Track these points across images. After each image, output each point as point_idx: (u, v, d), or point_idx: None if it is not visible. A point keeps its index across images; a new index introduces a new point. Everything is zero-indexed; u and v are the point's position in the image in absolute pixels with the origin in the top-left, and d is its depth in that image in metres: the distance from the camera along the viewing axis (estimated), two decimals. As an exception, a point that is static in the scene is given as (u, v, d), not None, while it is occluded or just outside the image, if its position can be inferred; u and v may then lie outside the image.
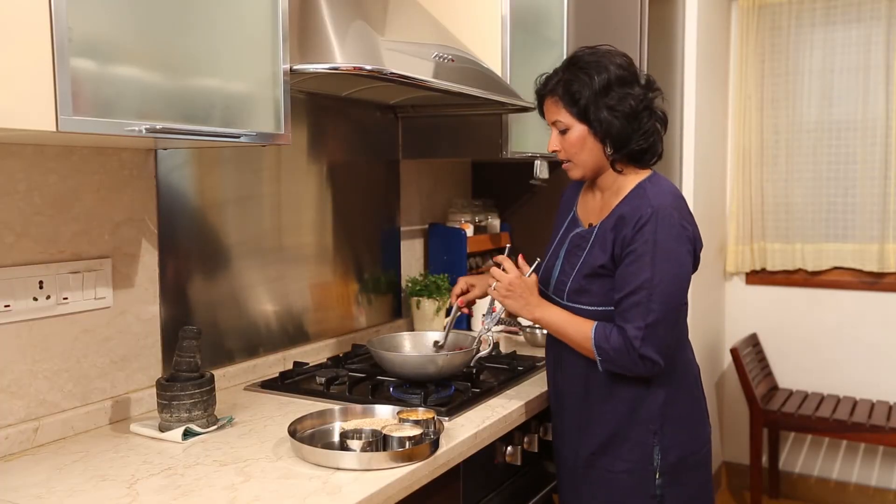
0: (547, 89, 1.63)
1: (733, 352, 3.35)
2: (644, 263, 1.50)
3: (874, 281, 3.49)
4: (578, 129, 1.59)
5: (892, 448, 3.48)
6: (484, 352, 1.85)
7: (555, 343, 1.70)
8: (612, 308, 1.56)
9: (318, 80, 1.77)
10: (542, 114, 1.69)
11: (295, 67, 1.52)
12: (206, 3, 1.32)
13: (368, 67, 1.56)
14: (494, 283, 1.65)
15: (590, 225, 1.66)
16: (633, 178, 1.62)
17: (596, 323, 1.56)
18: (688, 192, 3.19)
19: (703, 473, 1.68)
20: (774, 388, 3.66)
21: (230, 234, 1.87)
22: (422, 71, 1.74)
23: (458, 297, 1.86)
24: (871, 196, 3.43)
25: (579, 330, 1.57)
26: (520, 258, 1.72)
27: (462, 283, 1.87)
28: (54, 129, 1.08)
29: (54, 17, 1.07)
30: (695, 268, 1.62)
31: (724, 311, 3.82)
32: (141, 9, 1.21)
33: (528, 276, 1.67)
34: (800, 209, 3.59)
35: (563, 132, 1.61)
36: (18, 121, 1.06)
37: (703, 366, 3.43)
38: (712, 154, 3.51)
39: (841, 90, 3.48)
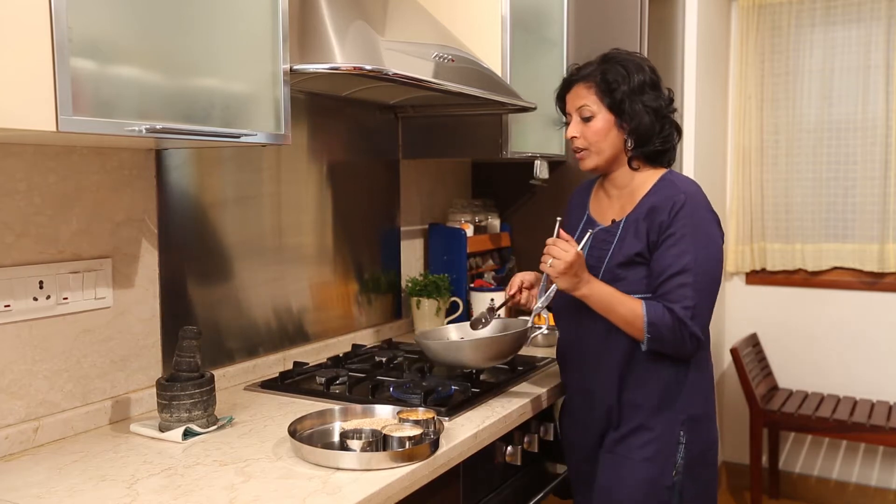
0: (581, 75, 1.66)
1: (733, 352, 3.35)
2: (685, 246, 1.54)
3: (874, 281, 3.49)
4: (605, 118, 1.62)
5: (892, 448, 3.48)
6: (543, 329, 1.84)
7: (584, 337, 1.68)
8: (648, 295, 1.58)
9: (318, 80, 1.77)
10: (561, 102, 1.71)
11: (295, 67, 1.52)
12: (206, 3, 1.32)
13: (368, 67, 1.56)
14: (551, 261, 1.59)
15: (613, 221, 1.68)
16: (652, 175, 1.66)
17: (643, 301, 1.57)
18: (688, 192, 3.19)
19: (713, 471, 1.71)
20: (774, 388, 3.66)
21: (230, 234, 1.87)
22: (422, 71, 1.74)
23: (514, 292, 1.81)
24: (871, 196, 3.43)
25: (629, 307, 1.57)
26: (563, 233, 1.65)
27: (518, 280, 1.82)
28: (54, 129, 1.08)
29: (54, 17, 1.07)
30: None
31: (724, 311, 3.82)
32: (141, 9, 1.21)
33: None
34: (800, 209, 3.58)
35: (587, 119, 1.63)
36: (18, 121, 1.06)
37: (703, 366, 3.43)
38: (712, 154, 3.51)
39: (841, 90, 3.47)
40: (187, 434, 1.47)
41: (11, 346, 1.42)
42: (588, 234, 1.68)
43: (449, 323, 2.55)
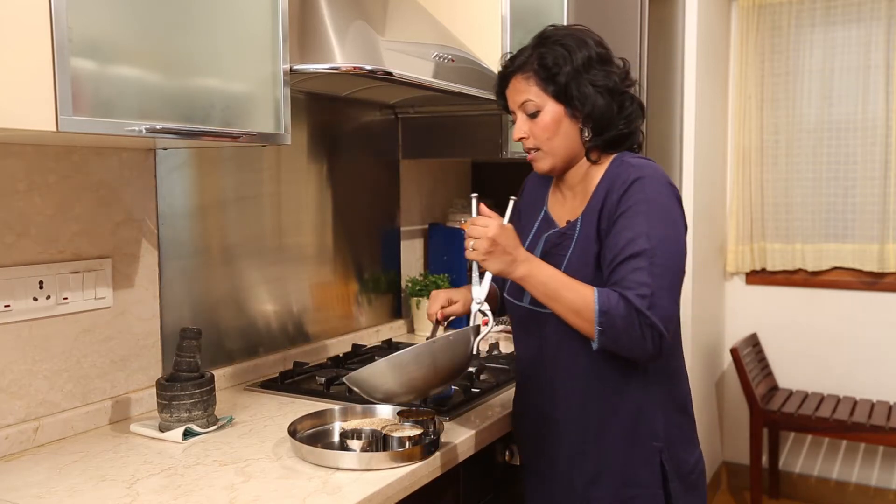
0: (516, 65, 1.41)
1: (733, 352, 3.35)
2: (639, 225, 1.30)
3: (874, 281, 3.49)
4: (553, 110, 1.38)
5: (892, 448, 3.48)
6: (489, 328, 1.49)
7: (546, 362, 1.45)
8: None
9: (318, 80, 1.77)
10: (502, 99, 1.47)
11: (295, 67, 1.52)
12: (206, 3, 1.32)
13: (368, 67, 1.56)
14: (472, 243, 1.33)
15: (567, 223, 1.45)
16: (605, 162, 1.42)
17: (596, 288, 1.30)
18: (688, 192, 3.19)
19: (700, 495, 1.49)
20: (774, 388, 3.66)
21: (230, 234, 1.87)
22: (422, 71, 1.74)
23: (437, 312, 1.58)
24: (871, 196, 3.43)
25: (579, 292, 1.29)
26: (482, 207, 1.41)
27: (442, 297, 1.59)
28: (54, 129, 1.08)
29: (54, 17, 1.07)
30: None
31: (724, 311, 3.82)
32: (141, 9, 1.21)
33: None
34: (800, 209, 3.59)
35: (533, 115, 1.39)
36: (18, 121, 1.06)
37: (703, 366, 3.44)
38: (712, 154, 3.51)
39: (841, 90, 3.48)
40: (187, 434, 1.47)
41: (11, 346, 1.42)
42: (510, 202, 1.46)
43: (449, 324, 2.56)
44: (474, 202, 1.44)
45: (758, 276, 3.73)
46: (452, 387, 1.75)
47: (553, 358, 1.44)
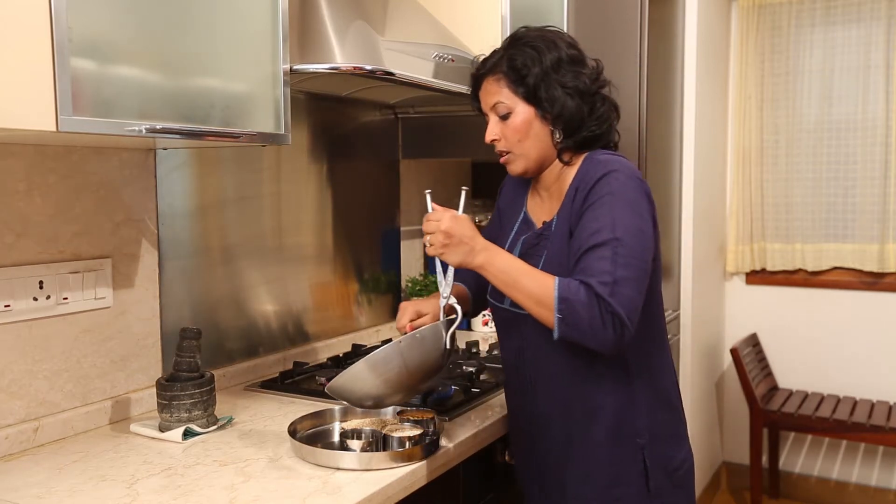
0: (487, 68, 1.42)
1: (733, 352, 3.35)
2: (604, 215, 1.29)
3: (874, 281, 3.49)
4: (524, 112, 1.38)
5: (892, 448, 3.48)
6: (457, 317, 1.44)
7: (527, 362, 1.45)
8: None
9: (318, 80, 1.77)
10: (476, 101, 1.48)
11: (295, 67, 1.52)
12: (206, 3, 1.32)
13: (368, 67, 1.56)
14: (428, 238, 1.35)
15: (544, 223, 1.46)
16: (578, 161, 1.42)
17: (557, 277, 1.29)
18: (688, 192, 3.19)
19: (687, 493, 1.48)
20: (774, 388, 3.66)
21: (230, 234, 1.87)
22: (422, 71, 1.74)
23: (406, 325, 1.50)
24: (871, 196, 3.43)
25: (538, 279, 1.28)
26: (433, 206, 1.42)
27: (411, 310, 1.53)
28: (54, 129, 1.08)
29: (54, 17, 1.07)
30: (656, 239, 1.40)
31: (724, 311, 3.82)
32: (141, 9, 1.21)
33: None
34: (800, 209, 3.59)
35: (505, 117, 1.40)
36: (18, 121, 1.06)
37: (703, 366, 3.44)
38: (712, 154, 3.51)
39: (841, 90, 3.48)
40: (187, 434, 1.47)
41: (11, 346, 1.42)
42: (462, 192, 1.46)
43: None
44: (428, 198, 1.44)
45: (758, 276, 3.73)
46: (452, 387, 1.75)
47: (533, 358, 1.44)
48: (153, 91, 1.23)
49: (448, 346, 1.41)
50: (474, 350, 2.12)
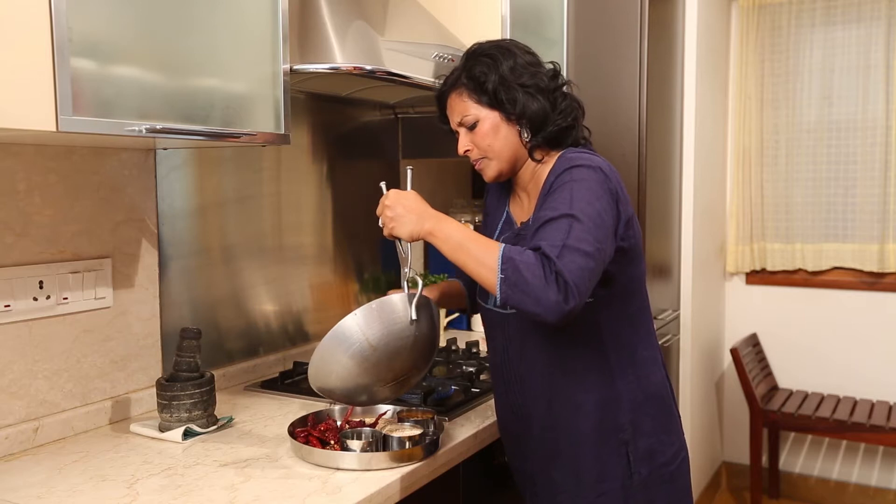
0: (448, 84, 1.46)
1: (733, 352, 3.35)
2: (562, 197, 1.30)
3: (874, 281, 3.50)
4: (489, 118, 1.41)
5: (892, 448, 3.48)
6: (417, 291, 1.43)
7: (512, 361, 1.46)
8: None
9: (318, 80, 1.77)
10: (444, 121, 1.52)
11: (295, 67, 1.52)
12: (207, 3, 1.32)
13: (368, 67, 1.56)
14: (380, 220, 1.38)
15: (522, 223, 1.48)
16: (552, 160, 1.44)
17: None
18: (688, 191, 3.19)
19: (679, 488, 1.48)
20: (774, 388, 3.66)
21: (230, 234, 1.87)
22: (422, 71, 1.74)
23: None
24: (871, 196, 3.43)
25: (484, 244, 1.28)
26: (409, 178, 1.48)
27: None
28: (54, 129, 1.08)
29: (54, 17, 1.07)
30: (636, 238, 1.41)
31: (724, 311, 3.82)
32: (141, 9, 1.21)
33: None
34: (800, 209, 3.59)
35: (472, 127, 1.43)
36: (18, 121, 1.06)
37: (703, 366, 3.44)
38: (712, 154, 3.51)
39: (841, 90, 3.48)
40: (187, 434, 1.47)
41: (11, 346, 1.42)
42: (408, 172, 1.49)
43: (449, 324, 2.56)
44: (384, 187, 1.45)
45: (758, 276, 3.74)
46: (452, 387, 1.75)
47: (518, 356, 1.45)
48: (153, 91, 1.23)
49: (415, 318, 1.40)
50: (474, 350, 2.12)
